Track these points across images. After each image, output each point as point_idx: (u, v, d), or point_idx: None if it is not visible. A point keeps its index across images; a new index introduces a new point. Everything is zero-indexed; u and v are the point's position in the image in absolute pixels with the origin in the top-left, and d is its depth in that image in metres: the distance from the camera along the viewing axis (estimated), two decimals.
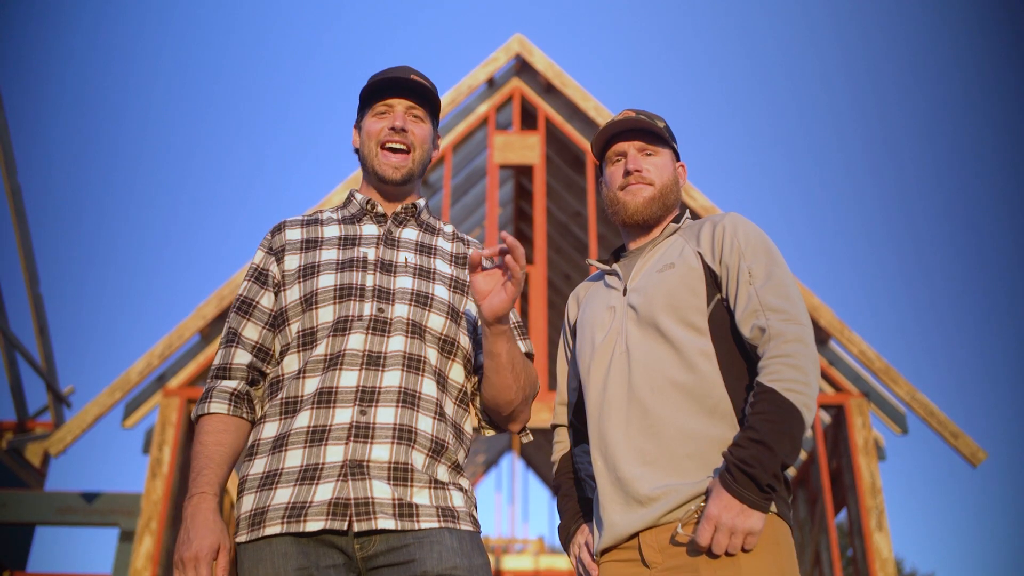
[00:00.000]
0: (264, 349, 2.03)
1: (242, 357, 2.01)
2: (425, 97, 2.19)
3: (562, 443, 2.35)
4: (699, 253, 2.10)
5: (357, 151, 2.22)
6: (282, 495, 1.83)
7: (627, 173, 2.23)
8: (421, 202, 2.20)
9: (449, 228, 2.23)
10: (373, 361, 1.92)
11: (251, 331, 2.03)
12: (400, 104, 2.16)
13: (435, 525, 1.83)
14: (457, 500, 1.91)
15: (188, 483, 1.90)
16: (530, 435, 2.25)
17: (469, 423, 2.08)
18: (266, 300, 2.05)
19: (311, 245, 2.07)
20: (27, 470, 11.91)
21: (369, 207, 2.14)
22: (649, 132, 2.26)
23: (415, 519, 1.82)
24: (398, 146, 2.12)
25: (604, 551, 2.02)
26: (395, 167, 2.12)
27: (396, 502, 1.82)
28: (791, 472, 10.00)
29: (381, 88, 2.17)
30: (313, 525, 1.78)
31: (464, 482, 1.98)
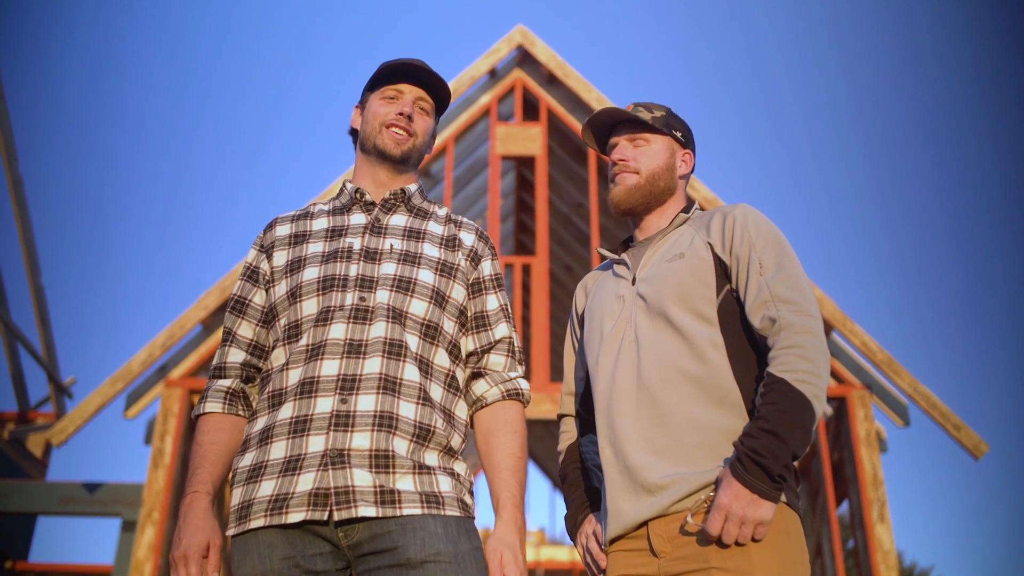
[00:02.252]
0: (259, 346, 2.06)
1: (236, 356, 2.05)
2: (436, 91, 2.20)
3: (569, 433, 2.35)
4: (709, 243, 2.10)
5: (354, 132, 2.24)
6: (266, 487, 1.84)
7: (614, 164, 2.26)
8: (412, 187, 2.18)
9: (443, 211, 2.22)
10: (354, 349, 1.92)
11: (245, 329, 2.07)
12: (411, 92, 2.17)
13: (418, 511, 1.81)
14: (444, 485, 1.89)
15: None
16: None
17: (462, 408, 2.05)
18: (258, 298, 2.08)
19: (299, 239, 2.09)
20: (29, 460, 11.94)
21: (358, 196, 2.14)
22: (636, 122, 2.28)
23: (397, 505, 1.81)
24: (401, 132, 2.13)
25: (612, 540, 2.02)
26: (397, 142, 2.13)
27: (377, 489, 1.81)
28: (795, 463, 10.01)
29: (394, 73, 2.17)
30: (294, 517, 1.79)
31: (458, 466, 1.96)
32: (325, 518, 1.79)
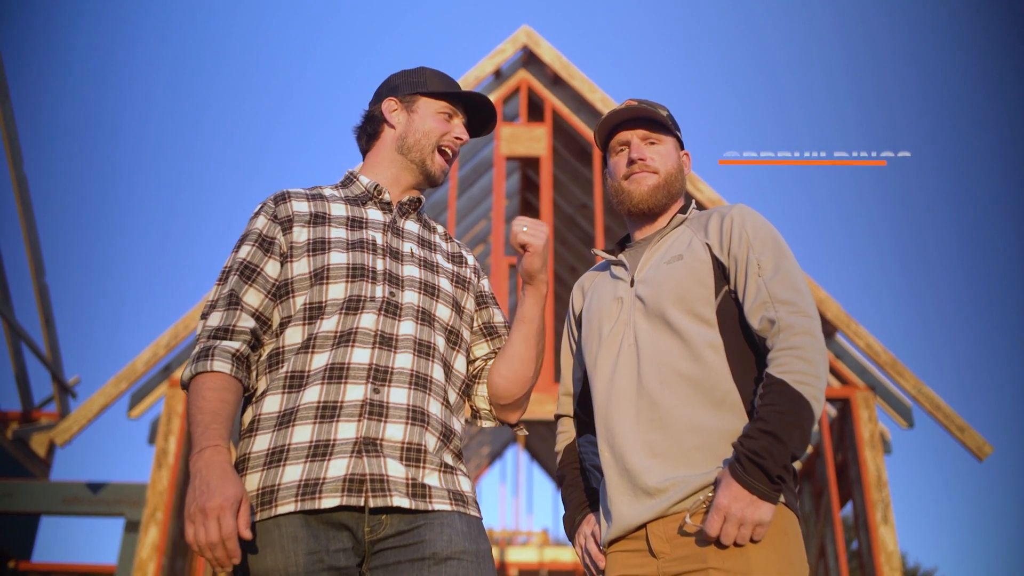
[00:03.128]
0: (263, 318, 1.94)
1: (246, 321, 1.91)
2: (478, 132, 2.27)
3: (566, 433, 2.34)
4: (707, 244, 2.09)
5: (383, 121, 2.18)
6: (292, 472, 1.78)
7: (631, 162, 2.22)
8: (423, 198, 2.21)
9: (441, 228, 2.26)
10: (385, 341, 1.91)
11: (252, 297, 1.94)
12: (461, 118, 2.20)
13: (447, 507, 1.83)
14: (465, 485, 1.92)
15: (192, 439, 1.77)
16: (525, 429, 2.26)
17: (463, 415, 2.08)
18: (270, 268, 1.97)
19: (319, 220, 2.03)
20: (32, 460, 11.96)
21: (375, 192, 2.12)
22: (652, 120, 2.25)
23: (428, 500, 1.82)
24: (450, 158, 2.18)
25: (611, 542, 2.01)
26: (443, 170, 2.17)
27: (409, 482, 1.81)
28: (797, 465, 10.01)
29: (460, 94, 2.19)
30: (329, 502, 1.75)
31: (464, 469, 1.99)
32: (360, 504, 1.76)
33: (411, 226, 2.14)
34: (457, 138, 2.15)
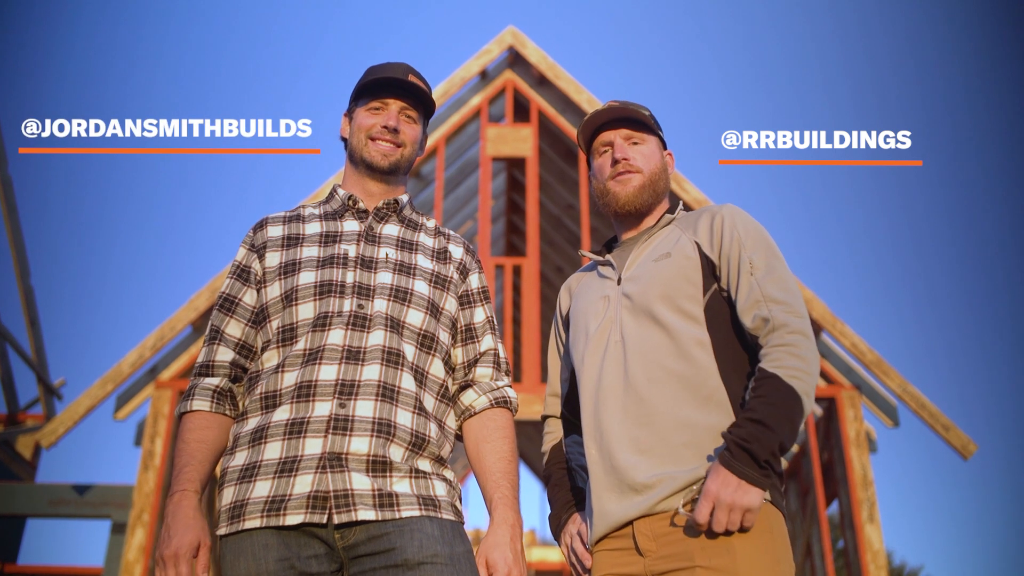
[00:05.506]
0: (247, 346, 2.04)
1: (224, 354, 2.03)
2: (420, 100, 2.21)
3: (553, 433, 2.35)
4: (696, 243, 2.10)
5: (344, 140, 2.25)
6: (261, 488, 1.84)
7: (615, 162, 2.23)
8: (404, 198, 2.21)
9: (432, 223, 2.25)
10: (352, 355, 1.93)
11: (234, 328, 2.05)
12: (395, 104, 2.18)
13: (416, 513, 1.84)
14: (439, 490, 1.92)
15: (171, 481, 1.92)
16: None
17: (451, 419, 2.08)
18: (248, 297, 2.07)
19: (292, 242, 2.09)
20: (18, 462, 11.89)
21: (351, 203, 2.15)
22: (634, 120, 2.26)
23: (395, 508, 1.83)
24: (388, 144, 2.15)
25: (597, 540, 2.02)
26: (384, 154, 2.14)
27: (376, 492, 1.83)
28: (784, 463, 10.03)
29: (378, 86, 2.18)
30: (293, 519, 1.79)
31: (448, 474, 1.99)
32: (324, 521, 1.79)
33: (391, 229, 2.14)
34: (385, 127, 2.14)
